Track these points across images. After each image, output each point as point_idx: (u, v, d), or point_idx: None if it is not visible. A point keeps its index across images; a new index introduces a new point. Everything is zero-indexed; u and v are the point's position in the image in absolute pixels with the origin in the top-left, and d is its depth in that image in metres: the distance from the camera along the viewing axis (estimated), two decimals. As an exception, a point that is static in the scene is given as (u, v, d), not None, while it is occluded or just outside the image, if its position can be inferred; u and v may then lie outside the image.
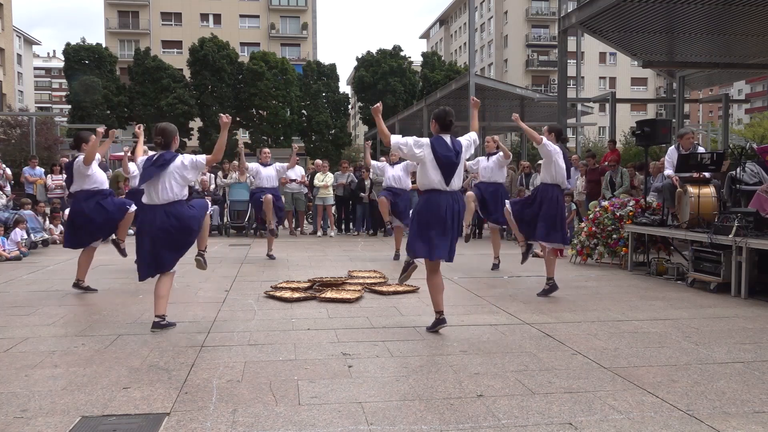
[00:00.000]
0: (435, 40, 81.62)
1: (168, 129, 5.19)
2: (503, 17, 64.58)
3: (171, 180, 4.98)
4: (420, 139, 5.04)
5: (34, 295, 6.67)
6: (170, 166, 4.98)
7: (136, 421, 3.16)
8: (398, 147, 5.02)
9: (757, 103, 70.92)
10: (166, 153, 5.08)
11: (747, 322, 5.44)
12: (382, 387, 3.68)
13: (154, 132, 5.16)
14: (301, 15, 58.35)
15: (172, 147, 5.18)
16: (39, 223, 11.68)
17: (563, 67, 14.72)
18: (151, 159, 5.06)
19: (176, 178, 5.00)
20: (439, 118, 5.09)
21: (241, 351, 4.44)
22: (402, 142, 4.99)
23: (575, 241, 9.43)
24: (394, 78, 45.78)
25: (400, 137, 5.05)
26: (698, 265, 7.22)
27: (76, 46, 42.23)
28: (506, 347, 4.57)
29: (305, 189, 14.07)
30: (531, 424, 3.14)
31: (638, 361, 4.23)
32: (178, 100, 40.87)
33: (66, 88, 48.30)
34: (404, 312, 5.80)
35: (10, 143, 27.19)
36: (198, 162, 5.08)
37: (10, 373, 3.93)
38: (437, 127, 5.12)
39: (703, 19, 12.89)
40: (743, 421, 3.19)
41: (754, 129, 48.98)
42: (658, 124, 8.62)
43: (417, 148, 4.96)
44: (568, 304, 6.19)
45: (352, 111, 62.32)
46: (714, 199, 7.59)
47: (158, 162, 4.99)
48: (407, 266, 5.25)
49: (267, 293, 6.64)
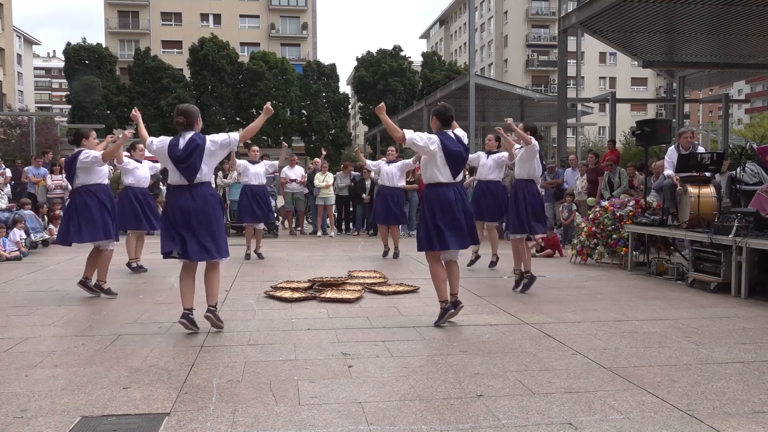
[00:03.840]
0: (435, 40, 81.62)
1: (190, 110, 5.04)
2: (503, 17, 64.58)
3: (201, 163, 4.86)
4: (430, 134, 5.21)
5: (34, 295, 6.67)
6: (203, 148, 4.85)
7: (136, 421, 3.16)
8: (413, 141, 5.13)
9: (757, 103, 70.94)
10: (196, 136, 4.92)
11: (747, 322, 5.44)
12: (382, 387, 3.68)
13: (175, 113, 4.99)
14: (301, 15, 58.36)
15: (195, 128, 5.01)
16: (39, 223, 11.67)
17: (563, 67, 14.73)
18: (177, 143, 4.89)
19: (206, 160, 4.89)
20: (439, 114, 5.24)
21: (241, 351, 4.44)
22: (416, 137, 5.13)
23: (575, 241, 9.43)
24: (394, 78, 45.80)
25: (413, 132, 5.18)
26: (698, 265, 7.22)
27: (76, 46, 42.27)
28: (506, 347, 4.57)
29: (305, 189, 14.08)
30: (531, 424, 3.14)
31: (638, 361, 4.23)
32: (178, 100, 40.77)
33: (66, 88, 48.37)
34: (404, 312, 5.80)
35: (10, 143, 27.21)
36: (232, 139, 4.99)
37: (10, 373, 3.93)
38: (438, 123, 5.26)
39: (703, 19, 12.90)
40: (743, 421, 3.19)
41: (754, 129, 49.00)
42: (658, 124, 8.62)
43: (431, 144, 5.12)
44: (568, 304, 6.19)
45: (352, 111, 62.30)
46: (714, 199, 7.59)
47: (190, 146, 4.84)
48: (444, 312, 5.25)
49: (267, 293, 6.64)
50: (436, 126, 5.26)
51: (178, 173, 4.88)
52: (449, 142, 5.14)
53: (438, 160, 5.12)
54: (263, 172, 9.74)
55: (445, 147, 5.10)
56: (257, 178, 9.64)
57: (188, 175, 4.86)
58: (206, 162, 4.91)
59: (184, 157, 4.84)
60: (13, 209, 11.31)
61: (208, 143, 4.93)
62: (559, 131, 15.05)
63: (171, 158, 4.87)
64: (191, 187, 4.88)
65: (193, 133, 4.96)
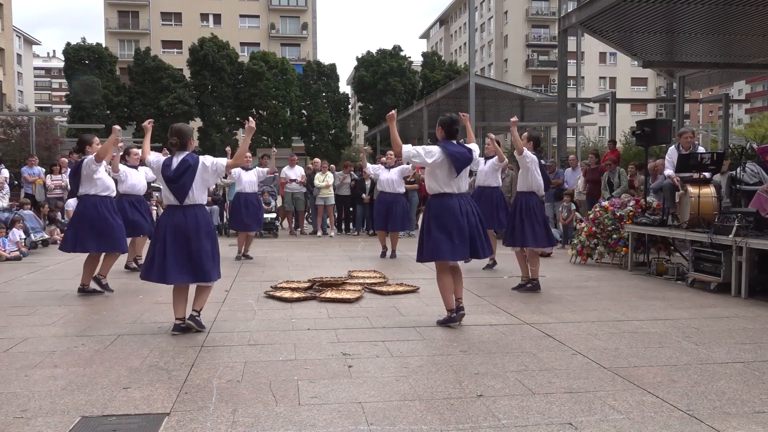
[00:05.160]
0: (435, 40, 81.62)
1: (184, 129, 5.05)
2: (503, 17, 64.57)
3: (193, 184, 4.88)
4: (429, 147, 5.18)
5: (34, 295, 6.67)
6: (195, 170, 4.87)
7: (136, 421, 3.16)
8: (410, 158, 5.14)
9: (757, 103, 70.93)
10: (188, 157, 4.93)
11: (747, 322, 5.44)
12: (382, 387, 3.68)
13: (169, 134, 5.01)
14: (301, 15, 58.36)
15: (188, 148, 5.04)
16: (39, 223, 11.67)
17: (563, 67, 14.72)
18: (170, 163, 4.91)
19: (197, 182, 4.90)
20: (445, 125, 5.24)
21: (241, 351, 4.44)
22: (413, 152, 5.09)
23: (575, 241, 9.43)
24: (394, 78, 45.80)
25: (411, 147, 5.15)
26: (698, 265, 7.22)
27: (76, 46, 42.26)
28: (506, 347, 4.57)
29: (305, 189, 14.07)
30: (531, 424, 3.14)
31: (638, 361, 4.23)
32: (178, 100, 40.89)
33: (66, 88, 48.34)
34: (404, 312, 5.80)
35: (10, 143, 27.18)
36: (219, 166, 4.98)
37: (10, 373, 3.93)
38: (443, 133, 5.26)
39: (703, 19, 12.90)
40: (743, 421, 3.19)
41: (754, 129, 48.99)
42: (658, 124, 8.62)
43: (429, 157, 5.08)
44: (568, 304, 6.19)
45: (352, 111, 62.32)
46: (714, 199, 7.59)
47: (181, 167, 4.86)
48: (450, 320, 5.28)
49: (267, 293, 6.64)
50: (441, 135, 5.25)
51: (171, 193, 4.92)
52: (452, 147, 5.13)
53: (440, 167, 5.10)
54: (255, 180, 9.85)
55: (449, 152, 5.07)
56: (250, 186, 9.74)
57: (179, 196, 4.88)
58: (197, 185, 4.90)
59: (175, 178, 4.86)
60: (12, 209, 11.31)
61: (200, 165, 4.92)
62: (559, 131, 15.05)
63: (163, 178, 4.93)
64: (184, 208, 4.90)
65: (186, 154, 4.98)
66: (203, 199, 5.01)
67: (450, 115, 5.30)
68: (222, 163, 5.03)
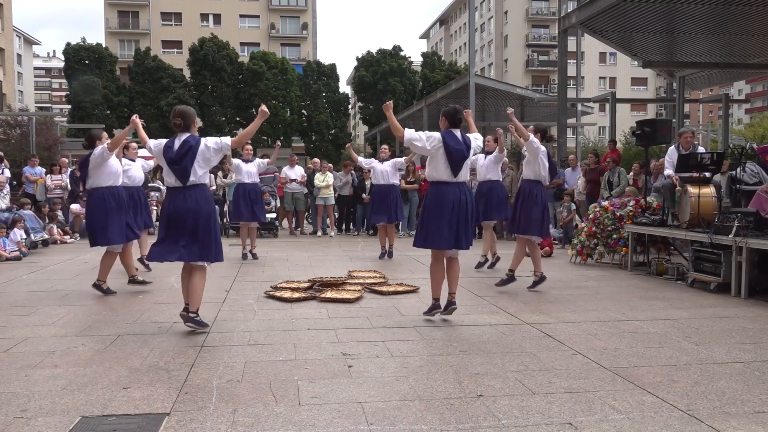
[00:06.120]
0: (435, 40, 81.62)
1: (187, 111, 5.08)
2: (503, 17, 64.57)
3: (195, 165, 4.91)
4: (431, 133, 5.35)
5: (34, 295, 6.67)
6: (196, 151, 4.90)
7: (136, 421, 3.16)
8: (412, 141, 5.29)
9: (757, 103, 70.92)
10: (190, 138, 4.97)
11: (747, 322, 5.44)
12: (382, 387, 3.68)
13: (172, 115, 5.06)
14: (301, 15, 58.35)
15: (192, 130, 5.06)
16: (39, 223, 11.67)
17: (563, 67, 14.72)
18: (172, 145, 4.95)
19: (200, 162, 4.93)
20: (449, 115, 5.40)
21: (241, 351, 4.44)
22: (415, 137, 5.27)
23: (575, 241, 9.43)
24: (394, 78, 45.82)
25: (413, 131, 5.33)
26: (698, 265, 7.22)
27: (76, 46, 42.26)
28: (506, 347, 4.57)
29: (305, 189, 14.08)
30: (531, 424, 3.14)
31: (638, 361, 4.23)
32: (178, 100, 40.78)
33: (66, 88, 48.34)
34: (404, 312, 5.80)
35: (10, 143, 27.16)
36: (224, 144, 5.01)
37: (10, 373, 3.93)
38: (446, 123, 5.42)
39: (703, 19, 12.90)
40: (743, 421, 3.19)
41: (754, 129, 48.98)
42: (658, 124, 8.62)
43: (429, 143, 5.26)
44: (568, 304, 6.19)
45: (352, 111, 62.30)
46: (714, 199, 7.59)
47: (183, 148, 4.90)
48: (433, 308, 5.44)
49: (267, 293, 6.64)
50: (444, 125, 5.41)
51: (172, 174, 4.94)
52: (452, 141, 5.25)
53: (439, 157, 5.25)
54: (255, 171, 9.86)
55: (446, 145, 5.22)
56: (250, 176, 9.77)
57: (181, 177, 4.92)
58: (199, 164, 4.94)
59: (178, 159, 4.90)
60: (13, 209, 11.31)
61: (202, 146, 4.96)
62: (559, 131, 15.05)
63: (165, 159, 4.95)
64: (185, 189, 4.93)
65: (188, 135, 5.01)
66: (205, 178, 5.05)
67: (453, 106, 5.47)
68: (227, 141, 5.05)
